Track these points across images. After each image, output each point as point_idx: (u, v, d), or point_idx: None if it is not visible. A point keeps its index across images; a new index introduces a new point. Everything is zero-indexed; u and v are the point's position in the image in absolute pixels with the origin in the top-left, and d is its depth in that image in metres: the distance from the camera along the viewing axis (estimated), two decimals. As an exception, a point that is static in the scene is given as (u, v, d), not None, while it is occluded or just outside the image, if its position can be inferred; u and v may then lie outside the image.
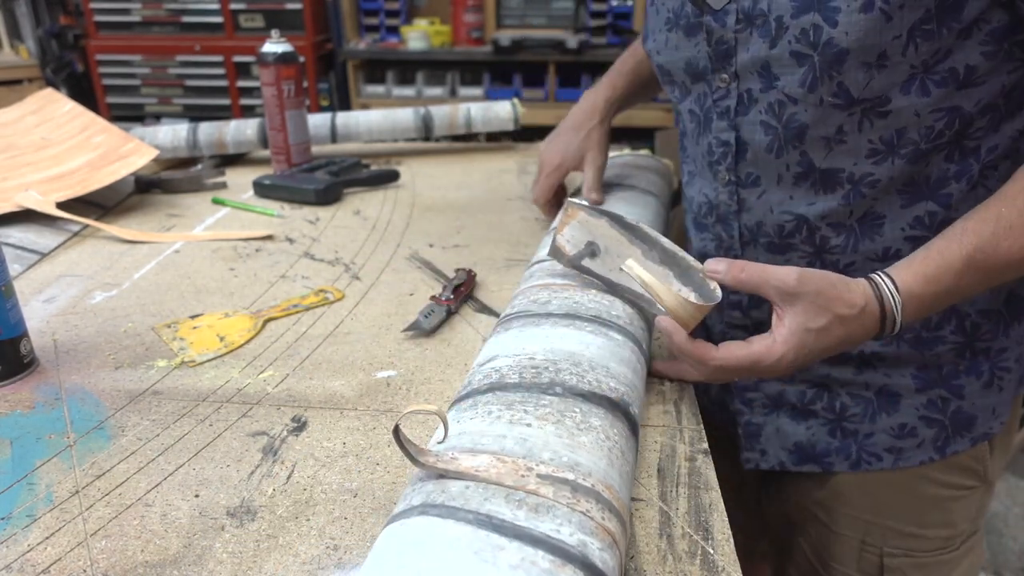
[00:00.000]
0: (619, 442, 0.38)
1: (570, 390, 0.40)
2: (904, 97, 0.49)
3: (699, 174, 0.62)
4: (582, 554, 0.30)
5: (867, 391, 0.59)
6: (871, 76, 0.48)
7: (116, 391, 0.52)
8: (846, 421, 0.60)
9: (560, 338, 0.45)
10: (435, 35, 2.70)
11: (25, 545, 0.38)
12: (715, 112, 0.57)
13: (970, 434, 0.58)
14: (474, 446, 0.35)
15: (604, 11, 2.68)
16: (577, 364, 0.42)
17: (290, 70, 0.99)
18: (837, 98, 0.49)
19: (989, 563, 1.43)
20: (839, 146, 0.52)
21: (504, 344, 0.46)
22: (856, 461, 0.60)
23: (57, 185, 0.88)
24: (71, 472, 0.44)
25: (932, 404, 0.58)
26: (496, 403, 0.39)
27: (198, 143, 1.09)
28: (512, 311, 0.50)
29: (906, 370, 0.57)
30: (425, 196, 0.97)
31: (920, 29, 0.46)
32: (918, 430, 0.58)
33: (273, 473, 0.44)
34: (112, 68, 2.87)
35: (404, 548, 0.30)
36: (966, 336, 0.56)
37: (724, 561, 0.37)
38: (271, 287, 0.70)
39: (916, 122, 0.50)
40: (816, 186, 0.54)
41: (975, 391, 0.57)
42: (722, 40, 0.54)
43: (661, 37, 0.60)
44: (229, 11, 2.75)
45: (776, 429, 0.63)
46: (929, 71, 0.48)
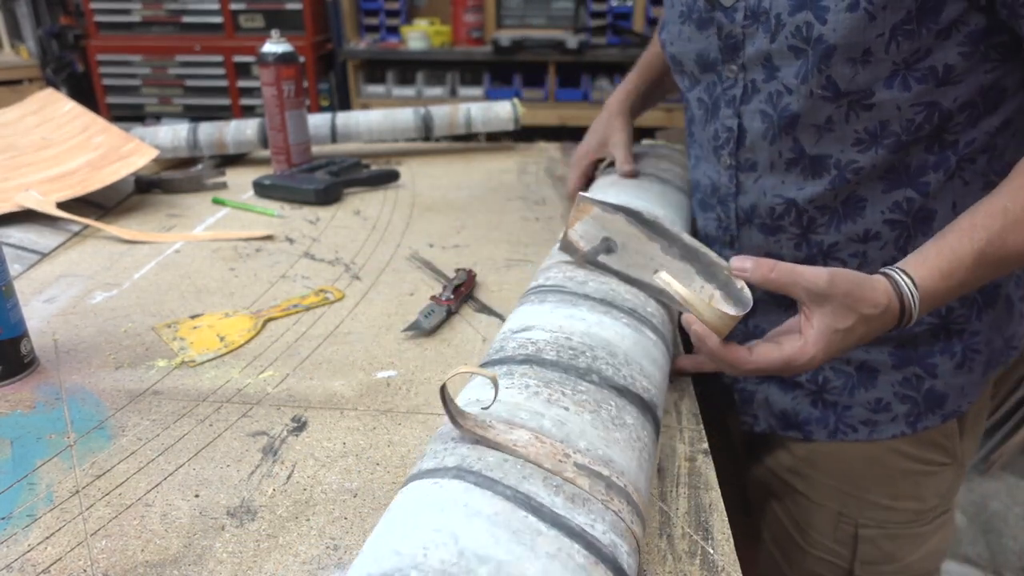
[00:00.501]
0: (648, 445, 0.38)
1: (606, 381, 0.39)
2: (887, 91, 0.52)
3: (705, 158, 0.66)
4: (613, 555, 0.30)
5: (848, 366, 0.62)
6: (856, 71, 0.51)
7: (116, 391, 0.52)
8: (827, 393, 0.64)
9: (597, 324, 0.44)
10: (435, 35, 2.70)
11: (25, 545, 0.38)
12: (723, 100, 0.61)
13: (941, 411, 0.62)
14: (511, 418, 0.34)
15: (604, 11, 2.68)
16: (613, 355, 0.42)
17: (290, 70, 0.99)
18: (826, 90, 0.53)
19: (989, 563, 1.43)
20: (828, 135, 0.55)
21: (540, 316, 0.45)
22: (833, 431, 0.64)
23: (57, 185, 0.88)
24: (71, 472, 0.44)
25: (907, 381, 0.61)
26: (534, 377, 0.38)
27: (198, 143, 1.09)
28: (547, 283, 0.49)
29: (884, 348, 0.61)
30: (425, 196, 0.97)
31: (901, 29, 0.49)
32: (892, 405, 0.62)
33: (273, 473, 0.44)
34: (112, 68, 2.87)
35: (441, 508, 0.29)
36: (941, 319, 0.60)
37: (724, 561, 0.37)
38: (271, 287, 0.70)
39: (897, 115, 0.53)
40: (805, 172, 0.57)
41: (947, 371, 0.61)
42: (731, 35, 0.58)
43: (675, 29, 0.63)
44: (229, 11, 2.75)
45: (766, 397, 0.67)
46: (910, 68, 0.51)
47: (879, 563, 0.66)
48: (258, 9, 2.75)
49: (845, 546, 0.66)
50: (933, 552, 0.67)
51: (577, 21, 2.76)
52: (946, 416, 0.62)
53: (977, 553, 1.45)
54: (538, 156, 1.18)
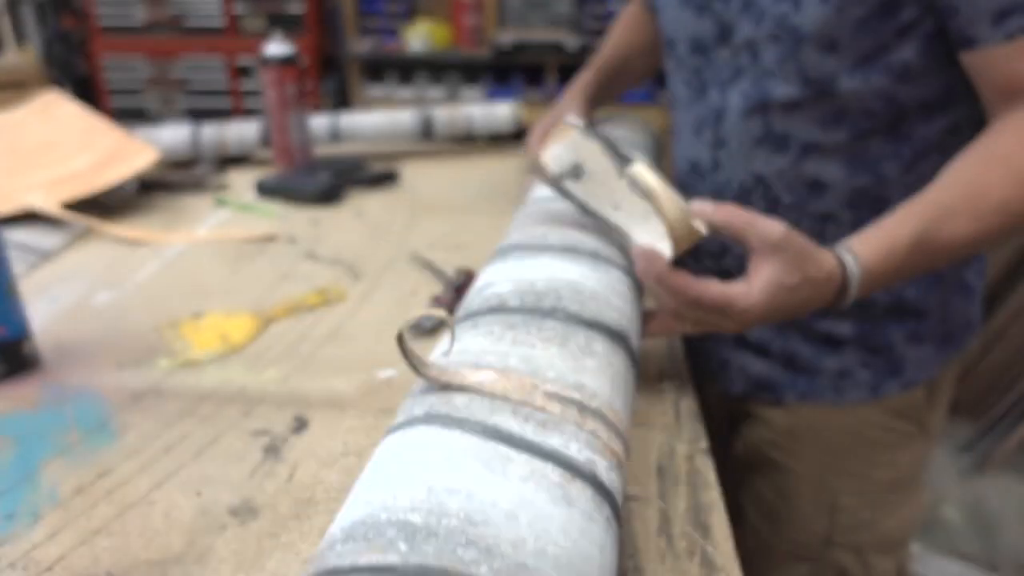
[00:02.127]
0: (621, 371, 0.38)
1: (572, 317, 0.39)
2: (849, 80, 0.56)
3: (686, 138, 0.69)
4: (591, 471, 0.30)
5: (815, 336, 0.66)
6: (824, 60, 0.56)
7: (119, 390, 0.53)
8: (796, 361, 0.68)
9: (560, 269, 0.44)
10: (436, 37, 2.70)
11: (29, 543, 0.39)
12: (712, 82, 0.64)
13: (899, 379, 0.66)
14: (477, 361, 0.34)
15: (604, 14, 2.68)
16: (579, 293, 0.42)
17: (292, 72, 1.00)
18: (799, 75, 0.57)
19: (986, 561, 1.43)
20: (796, 114, 0.59)
21: (502, 271, 0.45)
22: (804, 393, 0.68)
23: (61, 186, 0.89)
24: (75, 470, 0.44)
25: (868, 350, 0.66)
26: (498, 324, 0.38)
27: (200, 144, 1.09)
28: (508, 242, 0.50)
29: (846, 322, 0.65)
30: (426, 197, 0.98)
31: (864, 24, 0.53)
32: (855, 372, 0.66)
33: (275, 472, 0.44)
34: (115, 70, 2.88)
35: (409, 454, 0.29)
36: (892, 296, 0.64)
37: (723, 560, 0.37)
38: (273, 287, 0.70)
39: (857, 104, 0.57)
40: (772, 147, 0.61)
41: (901, 342, 0.65)
42: (725, 21, 0.62)
43: (672, 12, 0.66)
44: (231, 14, 2.76)
45: (741, 364, 0.71)
46: (870, 62, 0.55)
47: (857, 530, 0.70)
48: (260, 11, 2.76)
49: (825, 514, 0.70)
50: (906, 519, 0.71)
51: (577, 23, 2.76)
52: (905, 384, 0.67)
53: (974, 551, 1.45)
54: (539, 157, 1.18)
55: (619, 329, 0.41)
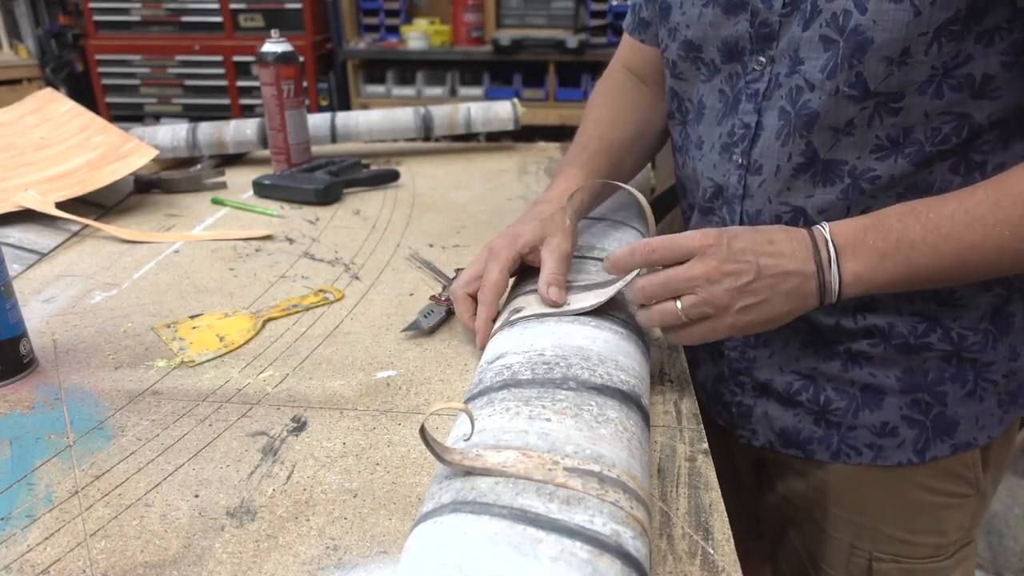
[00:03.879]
0: (636, 433, 0.39)
1: (583, 384, 0.40)
2: (918, 97, 0.48)
3: (708, 157, 0.60)
4: (616, 543, 0.30)
5: (852, 387, 0.58)
6: (891, 71, 0.47)
7: (116, 391, 0.52)
8: (830, 414, 0.60)
9: (566, 334, 0.46)
10: (435, 35, 2.70)
11: (25, 545, 0.38)
12: (744, 94, 0.56)
13: (951, 440, 0.58)
14: (497, 443, 0.35)
15: (604, 11, 2.68)
16: (587, 359, 0.43)
17: (290, 70, 0.99)
18: (853, 88, 0.49)
19: (989, 563, 1.43)
20: (846, 138, 0.51)
21: (511, 341, 0.46)
22: (836, 452, 0.60)
23: (57, 185, 0.88)
24: (71, 472, 0.44)
25: (915, 405, 0.57)
26: (512, 400, 0.39)
27: (198, 143, 1.09)
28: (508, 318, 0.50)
29: (891, 371, 0.57)
30: (425, 196, 0.97)
31: (947, 29, 0.46)
32: (899, 430, 0.58)
33: (273, 473, 0.44)
34: (111, 68, 2.87)
35: (443, 545, 0.30)
36: (953, 346, 0.56)
37: (724, 561, 0.37)
38: (271, 287, 0.70)
39: (924, 122, 0.49)
40: (816, 178, 0.53)
41: (957, 398, 0.57)
42: (766, 23, 0.53)
43: (694, 12, 0.57)
44: (229, 11, 2.75)
45: (765, 412, 0.63)
46: (947, 74, 0.47)
47: None
48: (258, 9, 2.75)
49: None
50: None
51: (577, 21, 2.76)
52: (957, 447, 0.58)
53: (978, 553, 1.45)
54: (538, 156, 1.18)
55: (630, 391, 0.42)
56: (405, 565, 0.31)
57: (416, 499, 0.42)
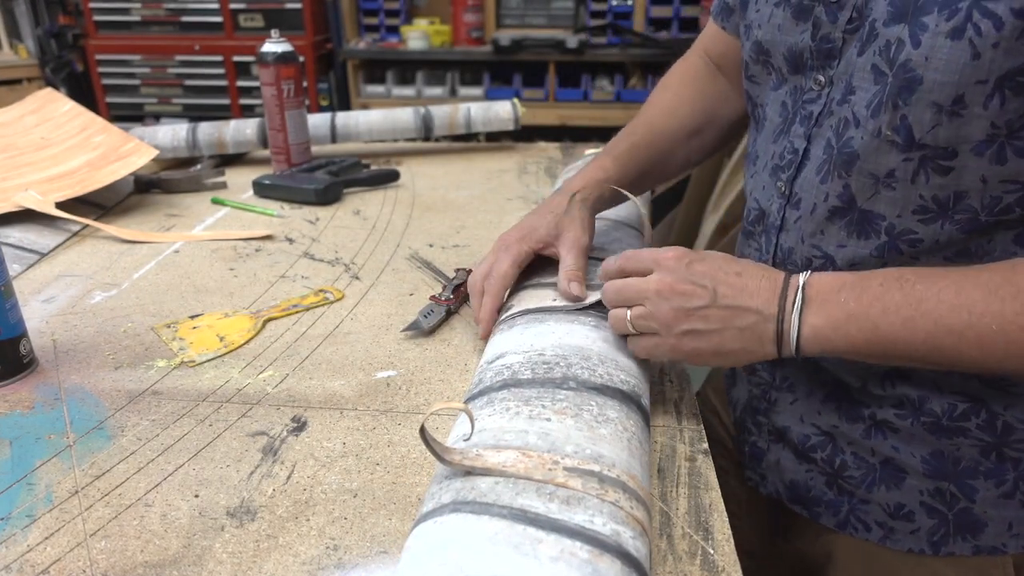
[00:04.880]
0: (636, 433, 0.39)
1: (584, 384, 0.40)
2: (975, 158, 0.41)
3: (759, 176, 0.55)
4: (616, 543, 0.31)
5: (872, 457, 0.53)
6: (939, 120, 0.41)
7: (116, 391, 0.52)
8: (843, 480, 0.54)
9: (566, 333, 0.46)
10: (435, 35, 2.70)
11: (25, 545, 0.38)
12: (800, 114, 0.50)
13: (975, 541, 0.51)
14: (497, 442, 0.35)
15: (604, 11, 2.68)
16: (587, 358, 0.43)
17: (290, 70, 0.99)
18: (897, 133, 0.42)
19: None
20: (886, 191, 0.45)
21: (511, 341, 0.46)
22: (843, 521, 0.55)
23: (57, 185, 0.88)
24: (71, 472, 0.44)
25: (938, 494, 0.51)
26: (513, 399, 0.39)
27: (198, 143, 1.09)
28: (514, 310, 0.51)
29: (918, 450, 0.50)
30: (425, 196, 0.97)
31: (1014, 80, 0.38)
32: (916, 516, 0.52)
33: (273, 473, 0.44)
34: (111, 68, 2.87)
35: (443, 545, 0.30)
36: (995, 436, 0.48)
37: (724, 561, 0.37)
38: (271, 287, 0.70)
39: (981, 189, 0.42)
40: (851, 227, 0.47)
41: (989, 497, 0.50)
42: (828, 38, 0.47)
43: (766, 10, 0.52)
44: (229, 11, 2.75)
45: (777, 460, 0.59)
46: (1013, 135, 0.40)
47: None
48: (258, 9, 2.75)
49: None
50: None
51: (577, 21, 2.76)
52: (980, 549, 0.51)
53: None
54: (538, 156, 1.18)
55: (630, 391, 0.42)
56: (405, 565, 0.31)
57: (416, 499, 0.42)
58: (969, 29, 0.38)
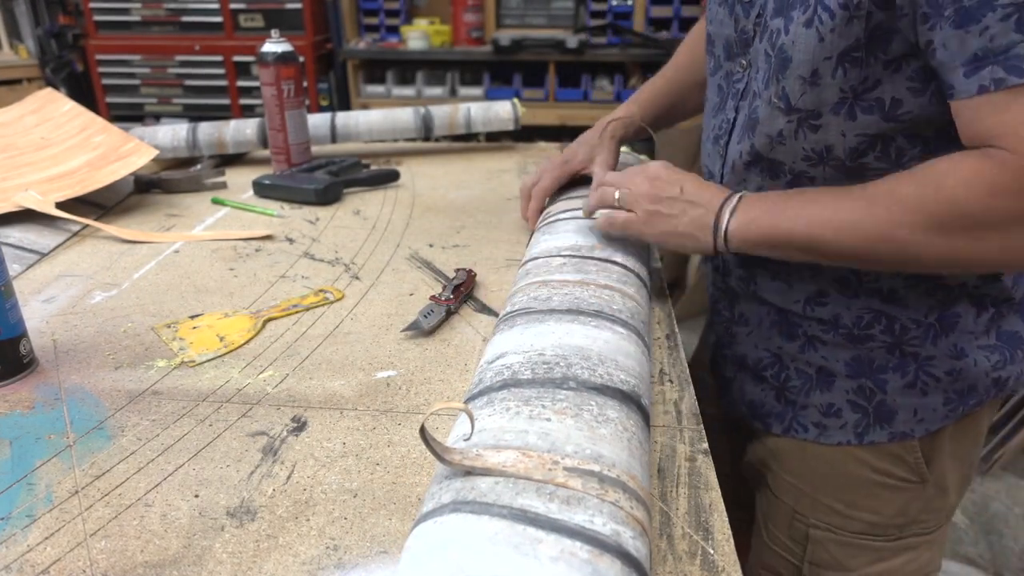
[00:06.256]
0: (636, 433, 0.39)
1: (584, 384, 0.40)
2: (833, 117, 0.53)
3: (706, 146, 0.68)
4: (617, 543, 0.31)
5: (809, 368, 0.64)
6: (804, 89, 0.52)
7: (116, 391, 0.52)
8: (788, 391, 0.66)
9: (566, 333, 0.46)
10: (435, 35, 2.70)
11: (25, 545, 0.38)
12: (731, 92, 0.63)
13: (890, 428, 0.62)
14: (497, 442, 0.35)
15: (604, 11, 2.68)
16: (587, 358, 0.43)
17: (290, 70, 0.99)
18: (780, 101, 0.54)
19: (989, 563, 1.43)
20: (779, 146, 0.57)
21: (511, 341, 0.46)
22: (787, 427, 0.66)
23: (57, 185, 0.88)
24: (71, 472, 0.44)
25: (860, 391, 0.62)
26: (513, 399, 0.39)
27: (198, 143, 1.09)
28: (514, 308, 0.51)
29: (841, 355, 0.62)
30: (425, 196, 0.97)
31: (849, 56, 0.50)
32: (843, 412, 0.63)
33: (273, 473, 0.44)
34: (112, 68, 2.87)
35: (443, 545, 0.30)
36: (894, 337, 0.60)
37: (724, 561, 0.37)
38: (271, 287, 0.70)
39: (842, 141, 0.54)
40: (764, 172, 0.60)
41: (896, 388, 0.60)
42: (744, 30, 0.59)
43: (714, 7, 0.64)
44: (229, 11, 2.75)
45: (740, 386, 0.70)
46: (858, 97, 0.51)
47: (828, 567, 0.66)
48: (258, 9, 2.75)
49: (798, 544, 0.68)
50: (895, 572, 0.65)
51: (577, 21, 2.76)
52: (895, 435, 0.61)
53: (978, 554, 1.45)
54: (538, 156, 1.18)
55: (630, 391, 0.42)
56: (405, 565, 0.31)
57: (416, 499, 0.42)
58: (815, 20, 0.50)
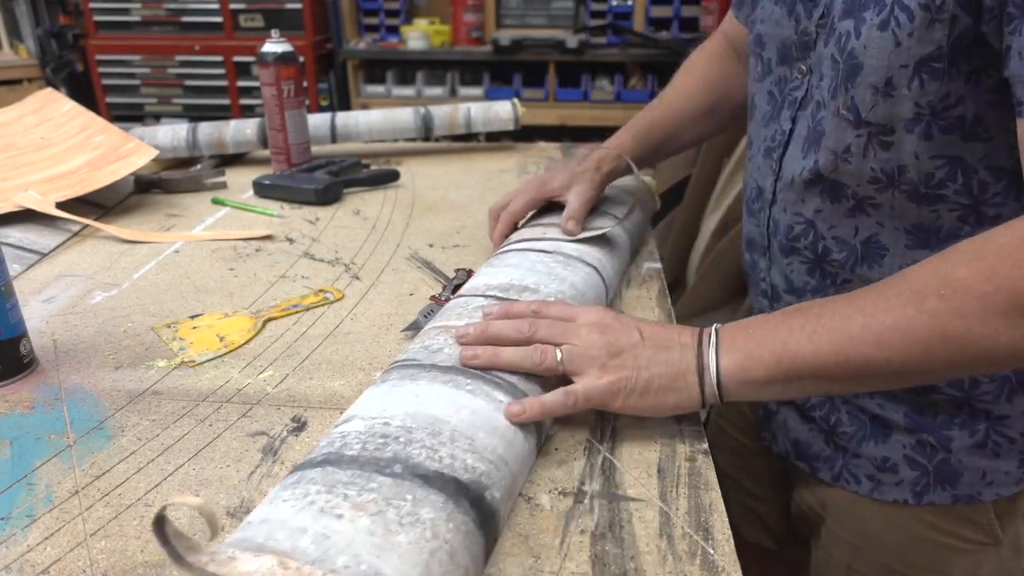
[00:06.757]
0: (451, 540, 0.33)
1: (411, 470, 0.35)
2: (907, 135, 0.47)
3: (755, 159, 0.62)
4: None
5: (862, 415, 0.58)
6: (876, 100, 0.47)
7: (116, 391, 0.52)
8: (837, 436, 0.60)
9: (431, 398, 0.41)
10: (435, 35, 2.70)
11: (25, 545, 0.38)
12: (787, 101, 0.57)
13: (952, 490, 0.56)
14: (265, 542, 0.30)
15: (604, 11, 2.68)
16: (436, 434, 0.38)
17: (290, 70, 0.99)
18: (849, 112, 0.49)
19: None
20: (844, 164, 0.51)
21: (368, 402, 0.41)
22: (837, 475, 0.60)
23: (57, 185, 0.88)
24: (71, 472, 0.44)
25: (920, 446, 0.56)
26: (320, 483, 0.34)
27: (198, 143, 1.09)
28: (401, 358, 0.46)
29: (900, 407, 0.56)
30: (425, 196, 0.97)
31: (928, 66, 0.45)
32: (900, 468, 0.57)
33: (273, 473, 0.44)
34: (112, 68, 2.87)
35: None
36: (963, 392, 0.53)
37: (724, 561, 0.37)
38: (271, 287, 0.70)
39: (916, 164, 0.48)
40: (824, 193, 0.54)
41: (963, 447, 0.54)
42: (806, 31, 0.53)
43: (768, 7, 0.58)
44: (229, 11, 2.75)
45: (784, 420, 0.64)
46: (936, 115, 0.46)
47: None
48: (258, 9, 2.75)
49: None
50: None
51: (577, 21, 2.76)
52: (959, 498, 0.55)
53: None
54: (538, 156, 1.18)
55: (470, 481, 0.36)
56: None
57: (416, 499, 0.42)
58: (892, 21, 0.45)
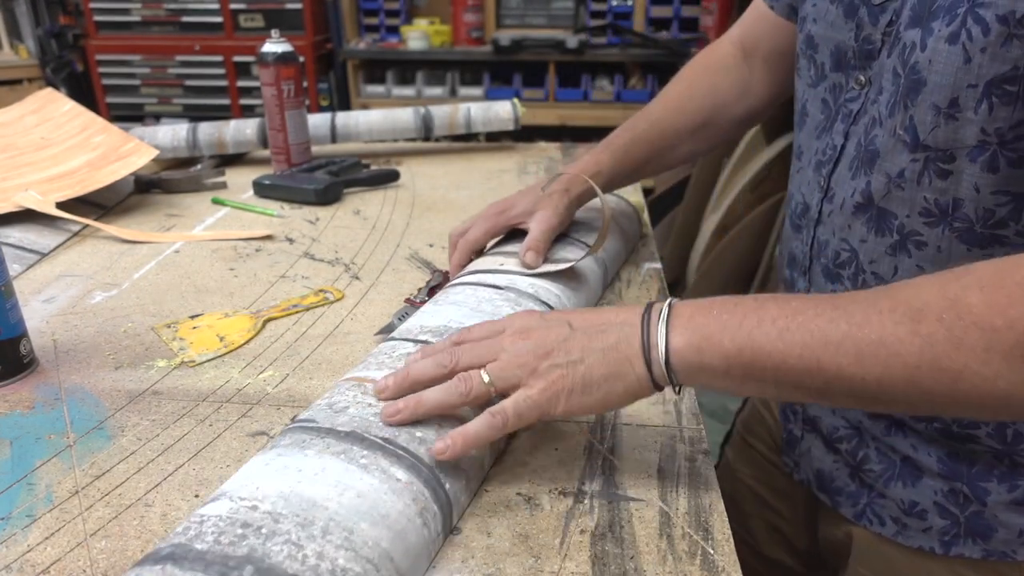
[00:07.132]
0: None
1: (265, 573, 0.30)
2: (970, 164, 0.43)
3: (804, 172, 0.57)
4: None
5: (892, 454, 0.54)
6: (937, 122, 0.43)
7: (116, 391, 0.52)
8: (863, 473, 0.56)
9: (315, 474, 0.35)
10: (435, 35, 2.70)
11: (25, 545, 0.38)
12: (842, 112, 0.52)
13: (984, 545, 0.51)
14: None
15: (604, 11, 2.68)
16: (307, 524, 0.33)
17: (290, 70, 0.99)
18: (906, 133, 0.45)
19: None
20: (896, 190, 0.47)
21: (243, 478, 0.36)
22: (860, 513, 0.56)
23: (57, 185, 0.88)
24: (71, 472, 0.44)
25: (952, 495, 0.51)
26: None
27: (198, 143, 1.09)
28: (301, 418, 0.41)
29: (934, 451, 0.51)
30: (425, 196, 0.97)
31: (1000, 88, 0.40)
32: (928, 515, 0.52)
33: (273, 473, 0.44)
34: (112, 68, 2.87)
35: None
36: (1005, 444, 0.49)
37: (724, 561, 0.37)
38: (271, 287, 0.70)
39: (975, 198, 0.43)
40: (870, 223, 0.49)
41: (1000, 503, 0.50)
42: (869, 39, 0.48)
43: (823, 5, 0.53)
44: (229, 11, 2.75)
45: (809, 448, 0.61)
46: (1005, 145, 0.41)
47: None
48: (258, 9, 2.75)
49: None
50: None
51: (577, 21, 2.76)
52: (990, 553, 0.51)
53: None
54: (538, 156, 1.18)
55: None
56: None
57: (416, 499, 0.42)
58: (963, 34, 0.40)
